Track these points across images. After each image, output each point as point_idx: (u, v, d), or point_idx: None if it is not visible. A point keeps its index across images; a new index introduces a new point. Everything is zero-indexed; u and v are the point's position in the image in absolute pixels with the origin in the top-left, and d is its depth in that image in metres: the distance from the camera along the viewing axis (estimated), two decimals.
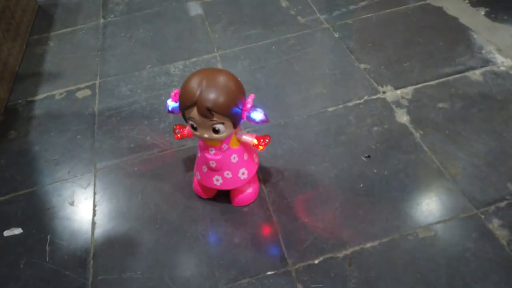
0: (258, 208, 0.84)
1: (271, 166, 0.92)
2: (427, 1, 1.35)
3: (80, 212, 0.88)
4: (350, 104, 1.04)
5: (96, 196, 0.91)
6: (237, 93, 0.69)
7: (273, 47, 1.26)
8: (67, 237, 0.84)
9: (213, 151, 0.76)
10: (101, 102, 1.16)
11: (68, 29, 1.49)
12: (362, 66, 1.14)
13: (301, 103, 1.07)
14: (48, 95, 1.21)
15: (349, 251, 0.75)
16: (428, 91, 1.04)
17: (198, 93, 0.66)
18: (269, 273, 0.74)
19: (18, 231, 0.86)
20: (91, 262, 0.79)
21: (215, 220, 0.83)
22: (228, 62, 1.23)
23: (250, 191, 0.84)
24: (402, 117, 0.98)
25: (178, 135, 0.82)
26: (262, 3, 1.45)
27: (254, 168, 0.82)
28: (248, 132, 0.78)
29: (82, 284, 0.76)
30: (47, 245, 0.83)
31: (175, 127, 0.82)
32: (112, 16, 1.52)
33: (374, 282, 0.71)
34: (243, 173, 0.80)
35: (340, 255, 0.75)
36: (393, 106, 1.01)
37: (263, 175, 0.90)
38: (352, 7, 1.37)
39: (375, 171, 0.88)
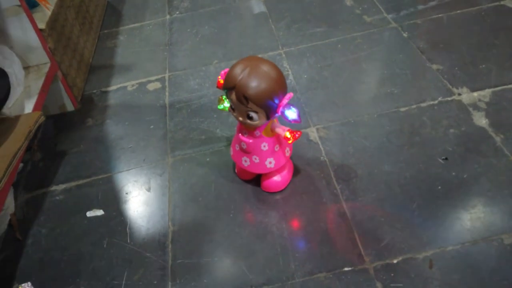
0: (332, 204, 0.84)
1: (343, 163, 0.92)
2: (502, 2, 1.29)
3: (157, 198, 0.92)
4: (423, 104, 1.01)
5: (171, 183, 0.94)
6: (276, 88, 0.71)
7: (339, 46, 1.26)
8: (146, 221, 0.88)
9: (246, 134, 0.80)
10: (171, 94, 1.20)
11: (136, 24, 1.55)
12: (435, 66, 1.11)
13: (370, 102, 1.06)
14: (121, 86, 1.27)
15: (429, 252, 0.74)
16: (508, 94, 1.00)
17: (239, 78, 0.70)
18: (346, 269, 0.74)
19: (99, 212, 0.91)
20: (170, 246, 0.82)
21: (289, 214, 0.84)
22: (293, 59, 1.24)
23: (278, 179, 0.86)
24: (481, 120, 0.95)
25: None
26: (325, 2, 1.45)
27: (283, 160, 0.84)
28: (282, 125, 0.79)
29: (163, 266, 0.79)
30: (128, 227, 0.87)
31: (221, 97, 0.82)
32: (177, 12, 1.57)
33: (457, 286, 0.69)
34: (270, 162, 0.82)
35: (420, 256, 0.74)
36: (470, 109, 0.98)
37: (335, 172, 0.90)
38: (420, 7, 1.34)
39: (453, 174, 0.85)
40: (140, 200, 0.92)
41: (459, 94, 1.02)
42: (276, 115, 0.75)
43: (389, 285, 0.71)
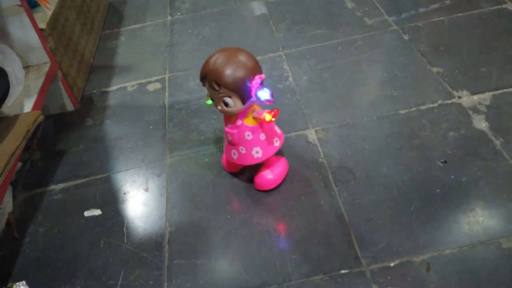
0: (329, 206, 0.84)
1: (341, 165, 0.91)
2: (504, 6, 1.29)
3: (154, 198, 0.92)
4: (423, 107, 1.01)
5: (169, 184, 0.94)
6: (245, 70, 0.72)
7: (339, 48, 1.26)
8: (143, 221, 0.88)
9: (230, 125, 0.81)
10: (171, 95, 1.20)
11: (138, 25, 1.55)
12: (435, 69, 1.11)
13: (370, 104, 1.05)
14: (121, 87, 1.27)
15: (426, 256, 0.73)
16: (508, 98, 1.00)
17: (210, 66, 0.73)
18: (342, 271, 0.74)
19: (97, 212, 0.91)
20: (167, 246, 0.82)
21: (286, 215, 0.84)
22: (294, 61, 1.24)
23: (270, 177, 0.86)
24: (480, 124, 0.95)
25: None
26: (327, 4, 1.45)
27: (272, 150, 0.84)
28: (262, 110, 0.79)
29: (159, 267, 0.79)
30: (125, 227, 0.87)
31: None
32: (179, 13, 1.57)
33: None
34: (257, 152, 0.82)
35: (417, 259, 0.73)
36: (470, 112, 0.98)
37: (333, 174, 0.90)
38: (422, 9, 1.34)
39: (452, 177, 0.85)
40: (138, 200, 0.92)
41: (459, 97, 1.02)
42: (252, 99, 0.75)
43: None
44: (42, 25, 1.09)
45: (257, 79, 0.74)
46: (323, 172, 0.91)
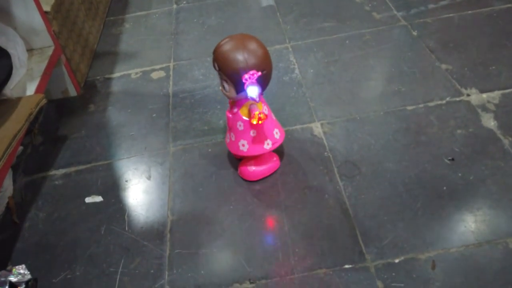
0: (334, 201, 0.83)
1: (347, 160, 0.90)
2: None
3: (157, 186, 0.91)
4: (431, 104, 1.00)
5: (172, 173, 0.93)
6: (244, 64, 0.71)
7: (347, 41, 1.24)
8: (145, 209, 0.87)
9: (229, 109, 0.82)
10: (175, 84, 1.18)
11: (143, 12, 1.53)
12: (444, 66, 1.10)
13: (377, 99, 1.04)
14: (124, 74, 1.25)
15: (432, 253, 0.73)
16: None
17: (218, 47, 0.74)
18: (346, 266, 0.73)
19: (98, 199, 0.90)
20: (168, 235, 0.81)
21: (290, 208, 0.83)
22: (300, 53, 1.22)
23: (251, 169, 0.86)
24: (489, 122, 0.93)
25: None
26: None
27: (260, 150, 0.82)
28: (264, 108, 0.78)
29: (160, 256, 0.78)
30: (126, 215, 0.86)
31: None
32: (184, 2, 1.55)
33: None
34: (243, 145, 0.82)
35: (423, 256, 0.72)
36: (479, 110, 0.96)
37: (339, 168, 0.89)
38: (431, 6, 1.32)
39: (459, 175, 0.84)
40: (140, 188, 0.91)
41: (468, 95, 1.01)
42: (244, 92, 0.74)
43: (390, 285, 0.69)
44: (46, 7, 1.07)
45: (251, 74, 0.71)
46: (328, 166, 0.89)
